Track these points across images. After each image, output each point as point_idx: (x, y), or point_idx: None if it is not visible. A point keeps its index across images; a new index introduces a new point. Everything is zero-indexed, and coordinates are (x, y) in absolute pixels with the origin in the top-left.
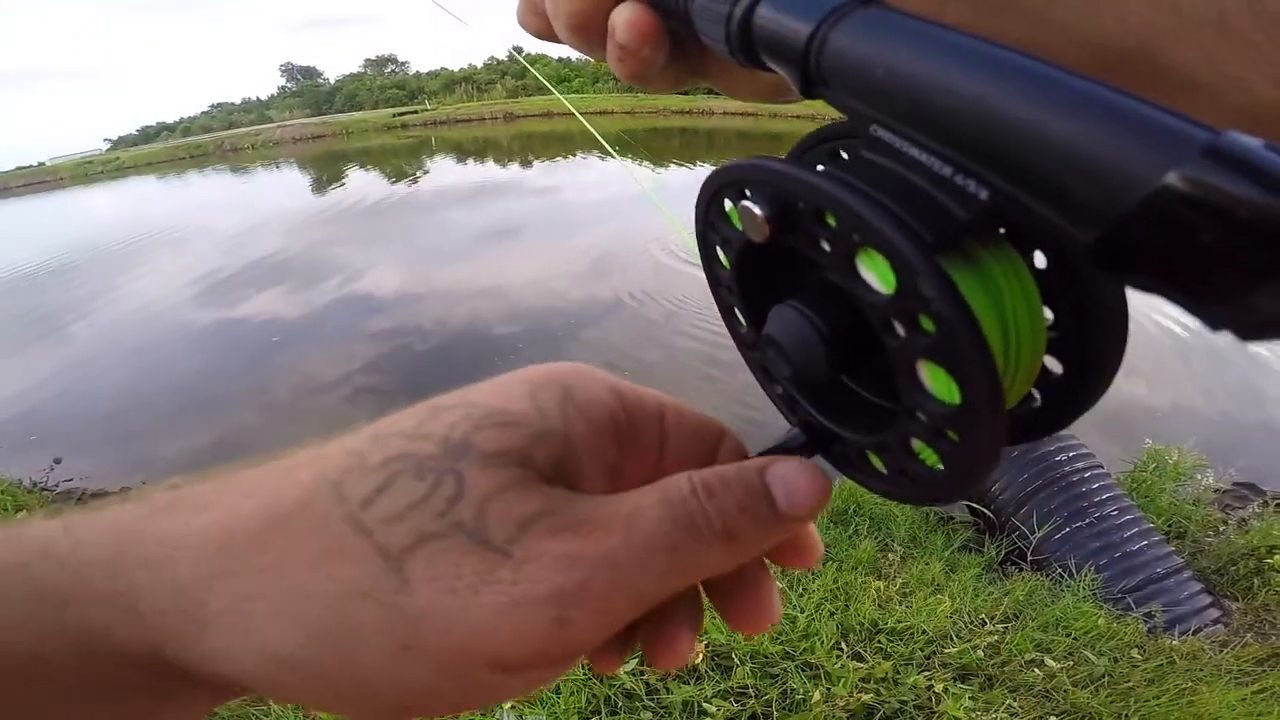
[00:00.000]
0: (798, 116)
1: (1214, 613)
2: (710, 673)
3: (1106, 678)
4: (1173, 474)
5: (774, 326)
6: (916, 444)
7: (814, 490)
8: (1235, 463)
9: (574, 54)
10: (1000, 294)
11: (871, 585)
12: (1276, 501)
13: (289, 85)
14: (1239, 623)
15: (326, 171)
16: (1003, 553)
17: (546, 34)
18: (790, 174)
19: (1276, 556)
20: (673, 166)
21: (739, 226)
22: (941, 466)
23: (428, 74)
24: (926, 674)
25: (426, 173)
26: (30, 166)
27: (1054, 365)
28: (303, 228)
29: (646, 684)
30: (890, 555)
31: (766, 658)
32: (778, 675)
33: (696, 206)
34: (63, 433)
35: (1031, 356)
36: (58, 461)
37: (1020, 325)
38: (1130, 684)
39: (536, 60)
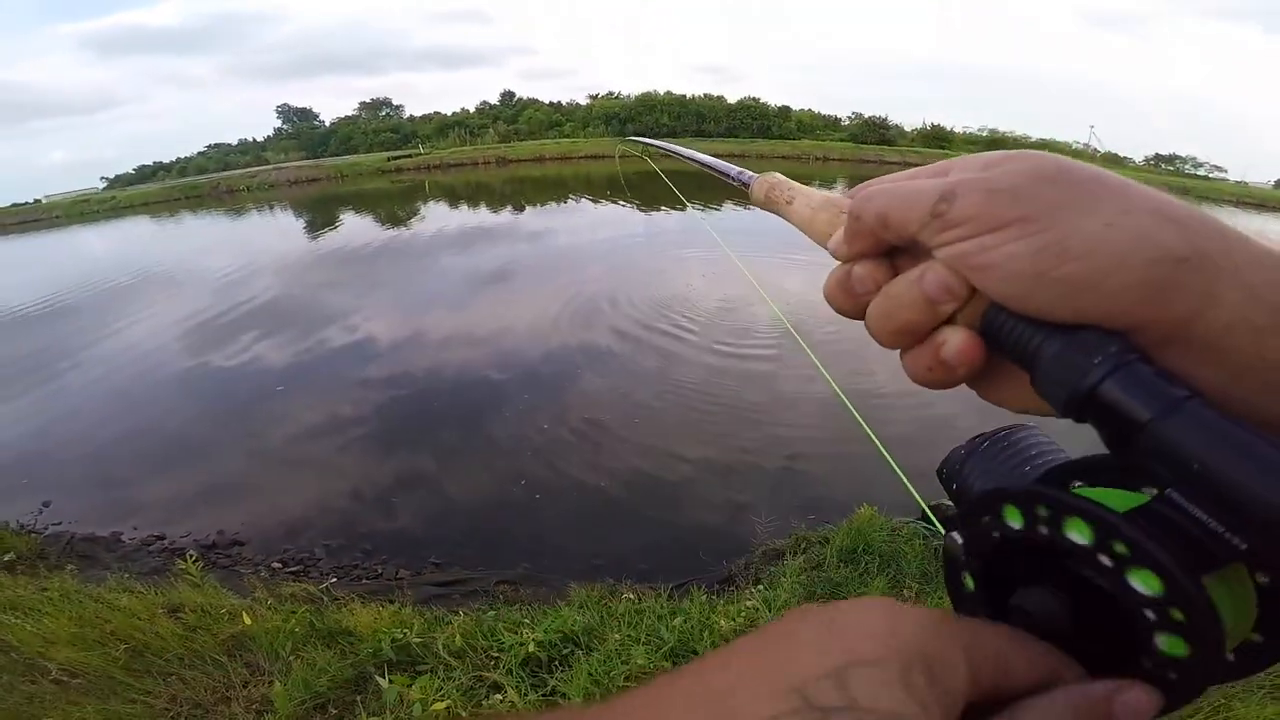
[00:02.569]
0: (784, 157)
1: None
2: None
3: None
4: None
5: (1026, 600)
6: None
7: (1153, 706)
8: None
9: (564, 98)
10: (1232, 597)
11: None
12: None
13: (285, 127)
14: None
15: (321, 215)
16: None
17: (851, 314)
18: (1114, 521)
19: None
20: (663, 208)
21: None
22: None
23: (421, 117)
24: None
25: (420, 217)
26: (26, 204)
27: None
28: (296, 272)
29: None
30: (905, 593)
31: None
32: None
33: (980, 507)
34: (54, 477)
35: (1238, 635)
36: (46, 505)
37: (1239, 616)
38: None
39: (529, 104)
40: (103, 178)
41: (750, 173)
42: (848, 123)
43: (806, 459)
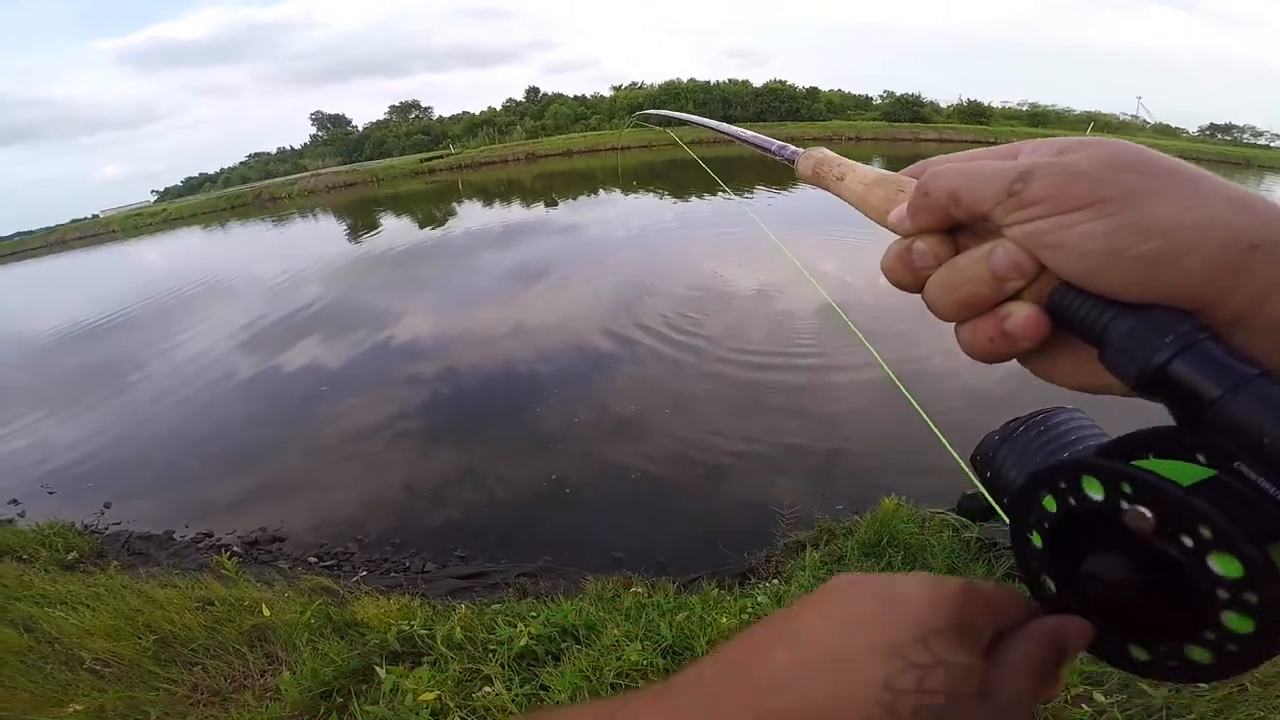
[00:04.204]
0: (815, 139)
1: None
2: None
3: (1165, 710)
4: None
5: (1100, 566)
6: (1194, 650)
7: (1085, 634)
8: None
9: (589, 91)
10: None
11: None
12: None
13: (320, 134)
14: None
15: (361, 219)
16: None
17: (909, 288)
18: (1183, 497)
19: None
20: (691, 198)
21: (1053, 509)
22: (1211, 662)
23: (450, 118)
24: None
25: (456, 217)
26: (84, 219)
27: None
28: (341, 275)
29: None
30: None
31: None
32: None
33: (1040, 485)
34: (117, 479)
35: None
36: (107, 506)
37: None
38: (1193, 716)
39: (554, 99)
40: (153, 190)
41: (794, 147)
42: (879, 101)
43: (840, 449)
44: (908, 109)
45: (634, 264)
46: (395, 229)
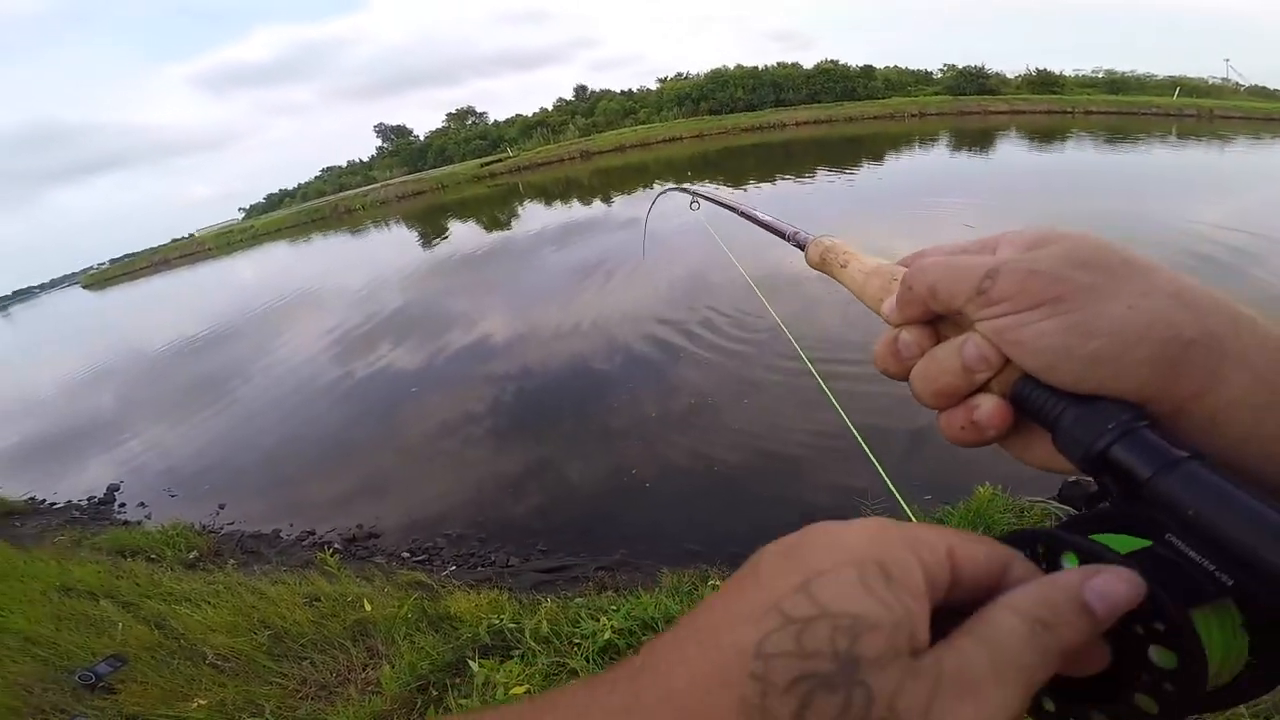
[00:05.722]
0: (875, 118)
1: None
2: None
3: None
4: None
5: None
6: (1141, 699)
7: (1131, 591)
8: None
9: (635, 85)
10: (1220, 628)
11: None
12: None
13: (385, 145)
14: None
15: (431, 226)
16: None
17: (897, 376)
18: (1120, 561)
19: None
20: (749, 186)
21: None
22: (1156, 711)
23: (505, 121)
24: None
25: (519, 218)
26: (182, 238)
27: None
28: (417, 281)
29: None
30: None
31: None
32: None
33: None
34: (228, 481)
35: (1231, 664)
36: (221, 507)
37: (1229, 652)
38: None
39: (603, 96)
40: (240, 208)
41: (806, 232)
42: (940, 75)
43: (923, 432)
44: (972, 81)
45: (698, 254)
46: (463, 234)
